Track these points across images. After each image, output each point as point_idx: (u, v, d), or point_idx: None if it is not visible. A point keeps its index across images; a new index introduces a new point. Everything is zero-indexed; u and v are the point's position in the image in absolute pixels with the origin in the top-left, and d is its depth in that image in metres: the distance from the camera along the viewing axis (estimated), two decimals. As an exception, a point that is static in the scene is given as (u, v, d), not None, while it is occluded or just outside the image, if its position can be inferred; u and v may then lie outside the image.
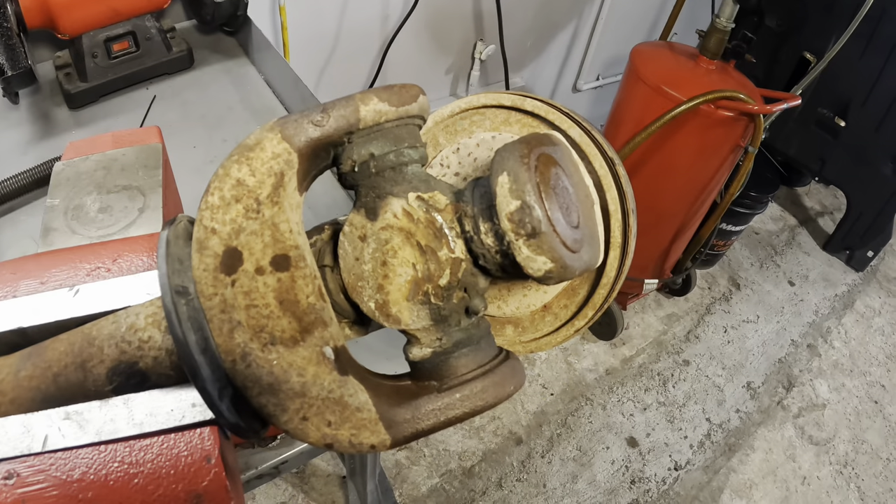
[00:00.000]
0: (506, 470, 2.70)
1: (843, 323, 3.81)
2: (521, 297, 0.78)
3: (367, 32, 2.67)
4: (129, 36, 1.60)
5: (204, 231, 0.50)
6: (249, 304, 0.50)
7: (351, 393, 0.52)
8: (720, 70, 2.48)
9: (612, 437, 2.93)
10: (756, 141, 2.41)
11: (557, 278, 0.52)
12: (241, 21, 1.81)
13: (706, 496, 2.83)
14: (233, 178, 0.51)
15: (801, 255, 4.16)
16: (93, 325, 0.59)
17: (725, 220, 3.31)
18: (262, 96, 1.73)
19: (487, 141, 0.79)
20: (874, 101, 3.45)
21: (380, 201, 0.56)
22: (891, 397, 3.50)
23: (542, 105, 0.75)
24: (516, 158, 0.52)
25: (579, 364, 3.19)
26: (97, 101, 1.61)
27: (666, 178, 2.65)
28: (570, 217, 0.55)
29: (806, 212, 4.50)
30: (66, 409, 0.55)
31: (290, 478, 2.47)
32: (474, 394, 0.55)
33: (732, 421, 3.15)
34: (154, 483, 0.54)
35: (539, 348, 0.80)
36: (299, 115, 0.54)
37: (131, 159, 0.91)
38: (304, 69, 2.54)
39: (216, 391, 0.52)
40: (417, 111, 0.58)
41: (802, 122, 3.77)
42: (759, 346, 3.54)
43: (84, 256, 0.67)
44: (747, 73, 2.59)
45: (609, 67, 3.95)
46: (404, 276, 0.56)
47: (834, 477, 3.06)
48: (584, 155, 0.73)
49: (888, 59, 3.31)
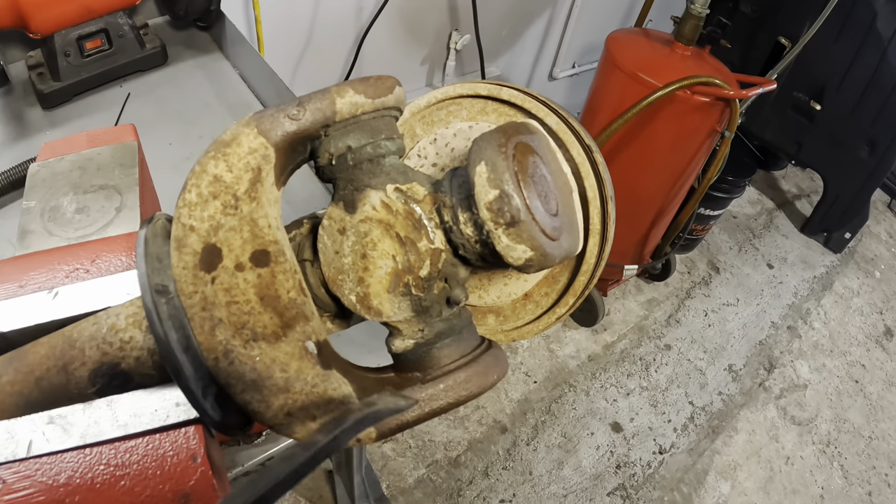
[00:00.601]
0: (492, 458, 2.71)
1: (822, 304, 3.85)
2: (502, 286, 0.78)
3: (342, 24, 2.66)
4: (101, 34, 1.59)
5: (182, 229, 0.50)
6: (230, 301, 0.50)
7: (335, 387, 0.52)
8: (696, 56, 2.49)
9: (597, 422, 2.95)
10: (732, 126, 2.43)
11: (537, 266, 0.52)
12: (215, 16, 1.79)
13: (691, 478, 2.86)
14: (210, 174, 0.51)
15: (780, 237, 4.19)
16: (73, 328, 0.59)
17: (703, 205, 3.33)
18: (237, 91, 1.72)
19: (464, 131, 0.79)
20: (849, 85, 3.48)
21: (358, 194, 0.56)
22: (871, 376, 3.54)
23: (519, 94, 0.76)
24: (494, 148, 0.52)
25: (562, 351, 3.20)
26: (71, 101, 1.60)
27: (643, 164, 2.66)
28: (549, 205, 0.55)
29: (783, 195, 4.53)
30: (49, 414, 0.55)
31: (276, 473, 2.46)
32: (458, 384, 0.55)
33: (715, 403, 3.18)
34: (141, 484, 0.53)
35: (521, 336, 0.80)
36: (275, 110, 0.54)
37: (107, 158, 0.90)
38: (279, 63, 2.53)
39: (200, 389, 0.52)
40: (394, 102, 0.58)
41: (778, 107, 3.80)
42: (740, 328, 3.57)
43: (62, 258, 0.66)
44: (723, 59, 2.60)
45: (585, 55, 3.95)
46: (384, 268, 0.56)
47: (817, 456, 3.09)
48: (562, 143, 0.73)
49: (862, 43, 3.34)
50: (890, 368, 3.63)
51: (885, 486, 3.08)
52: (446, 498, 2.54)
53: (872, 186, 3.80)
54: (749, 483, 2.91)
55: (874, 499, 3.02)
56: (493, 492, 2.61)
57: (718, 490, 2.85)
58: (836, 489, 3.00)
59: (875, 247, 4.40)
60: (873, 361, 3.64)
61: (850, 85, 3.49)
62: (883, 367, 3.63)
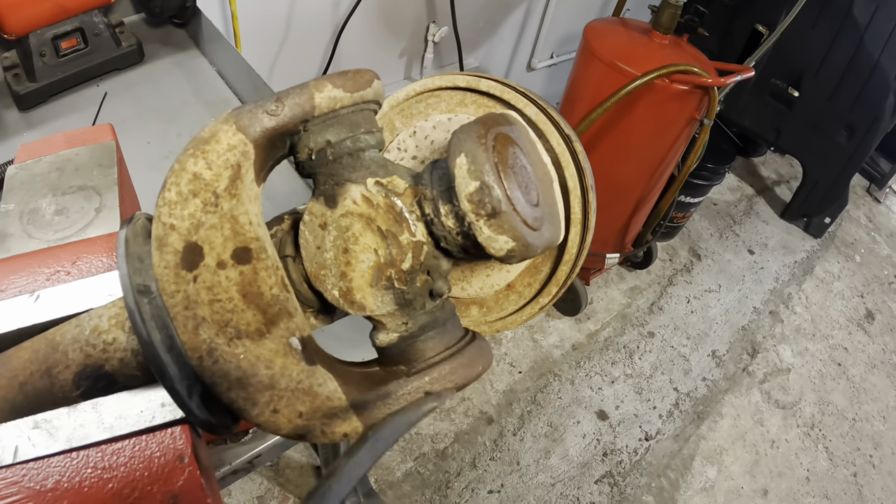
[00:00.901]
0: (479, 450, 2.71)
1: (803, 289, 3.88)
2: (485, 278, 0.78)
3: (319, 19, 2.65)
4: (77, 33, 1.58)
5: (163, 228, 0.50)
6: (213, 299, 0.50)
7: (320, 382, 0.52)
8: (673, 45, 2.50)
9: (582, 411, 2.96)
10: (711, 113, 2.44)
11: (519, 257, 0.52)
12: (191, 12, 1.78)
13: (678, 464, 2.88)
14: (189, 172, 0.51)
15: (760, 223, 4.22)
16: (56, 331, 0.58)
17: (684, 193, 3.34)
18: (214, 88, 1.72)
19: (444, 123, 0.79)
20: (827, 71, 3.51)
21: (338, 188, 0.56)
22: (853, 359, 3.57)
23: (497, 85, 0.75)
24: (473, 139, 0.52)
25: (545, 341, 3.21)
26: (47, 101, 1.59)
27: (623, 152, 2.66)
28: (530, 195, 0.56)
29: (763, 181, 4.56)
30: (34, 418, 0.54)
31: (264, 471, 2.46)
32: (443, 376, 0.55)
33: (699, 389, 3.20)
34: (129, 486, 0.53)
35: (505, 327, 0.80)
36: (254, 106, 0.53)
37: (85, 159, 0.89)
38: (257, 59, 2.51)
39: (185, 389, 0.51)
40: (372, 96, 0.58)
41: (757, 94, 3.82)
42: (722, 314, 3.60)
43: (43, 261, 0.66)
44: (700, 47, 2.61)
45: (563, 45, 3.95)
46: (367, 262, 0.56)
47: (802, 439, 3.12)
48: (541, 133, 0.73)
49: (840, 30, 3.37)
50: (872, 351, 3.67)
51: (870, 466, 3.12)
52: (435, 490, 2.55)
53: (851, 171, 3.84)
54: (735, 467, 2.94)
55: (859, 479, 3.05)
56: (481, 483, 2.62)
57: (705, 475, 2.87)
58: (822, 471, 3.03)
59: (855, 231, 4.44)
60: (855, 344, 3.67)
61: (828, 71, 3.51)
62: (865, 349, 3.66)
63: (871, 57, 3.37)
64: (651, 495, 2.76)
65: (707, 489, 2.83)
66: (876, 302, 3.97)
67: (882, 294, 4.04)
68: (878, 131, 3.58)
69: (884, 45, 3.34)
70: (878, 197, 4.84)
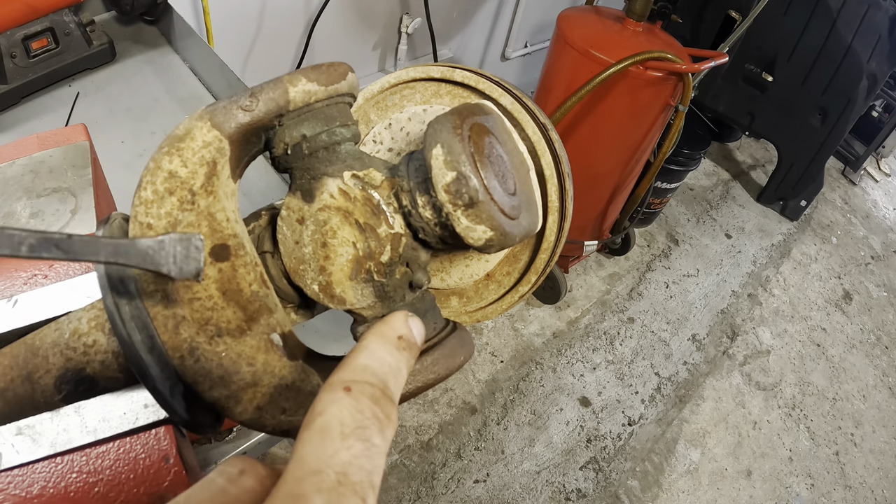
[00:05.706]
0: (463, 440, 2.72)
1: (781, 271, 3.92)
2: (464, 268, 0.78)
3: (291, 12, 2.64)
4: (47, 33, 1.56)
5: (139, 227, 0.49)
6: (192, 298, 0.50)
7: (303, 378, 0.52)
8: (647, 32, 2.51)
9: (565, 398, 2.97)
10: (686, 99, 2.45)
11: (498, 246, 0.52)
12: (162, 9, 1.77)
13: (661, 448, 2.90)
14: (164, 170, 0.50)
15: (736, 207, 4.25)
16: (35, 335, 0.58)
17: (660, 179, 3.36)
18: (187, 85, 1.70)
19: (419, 114, 0.79)
20: (799, 56, 3.55)
21: (315, 182, 0.56)
22: (832, 340, 3.62)
23: (472, 75, 0.75)
24: (449, 130, 0.52)
25: (526, 329, 3.22)
26: (19, 103, 1.57)
27: (599, 140, 2.67)
28: (507, 184, 0.56)
29: (738, 166, 4.60)
30: (17, 425, 0.54)
31: (249, 468, 2.45)
32: (425, 367, 0.55)
33: (681, 373, 3.22)
34: (115, 489, 0.53)
35: (485, 317, 0.80)
36: (228, 102, 0.53)
37: (59, 160, 0.88)
38: (229, 54, 2.50)
39: (167, 389, 0.51)
40: (347, 89, 0.57)
41: (731, 79, 3.85)
42: (701, 298, 3.62)
43: (19, 265, 0.65)
44: (674, 34, 2.62)
45: (536, 34, 3.96)
46: (345, 255, 0.56)
47: (783, 419, 3.16)
48: (517, 122, 0.73)
49: (812, 14, 3.40)
50: (850, 331, 3.72)
51: (852, 445, 3.16)
52: (421, 482, 2.55)
53: (826, 154, 3.87)
54: (718, 449, 2.96)
55: (842, 458, 3.09)
56: (466, 473, 2.63)
57: (689, 458, 2.90)
58: (804, 451, 3.07)
59: (830, 213, 4.49)
60: (834, 325, 3.71)
61: (801, 56, 3.55)
62: (843, 329, 3.71)
63: (843, 41, 3.40)
64: (636, 480, 2.78)
65: (691, 472, 2.86)
66: (853, 283, 4.02)
67: (859, 275, 4.09)
68: (852, 114, 3.62)
69: (856, 30, 3.37)
70: (853, 179, 4.89)
